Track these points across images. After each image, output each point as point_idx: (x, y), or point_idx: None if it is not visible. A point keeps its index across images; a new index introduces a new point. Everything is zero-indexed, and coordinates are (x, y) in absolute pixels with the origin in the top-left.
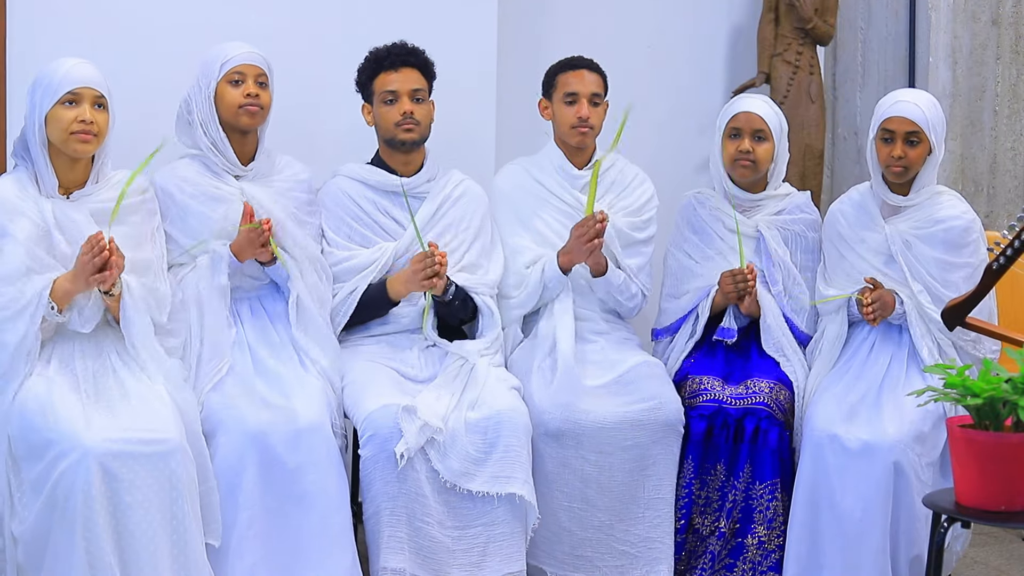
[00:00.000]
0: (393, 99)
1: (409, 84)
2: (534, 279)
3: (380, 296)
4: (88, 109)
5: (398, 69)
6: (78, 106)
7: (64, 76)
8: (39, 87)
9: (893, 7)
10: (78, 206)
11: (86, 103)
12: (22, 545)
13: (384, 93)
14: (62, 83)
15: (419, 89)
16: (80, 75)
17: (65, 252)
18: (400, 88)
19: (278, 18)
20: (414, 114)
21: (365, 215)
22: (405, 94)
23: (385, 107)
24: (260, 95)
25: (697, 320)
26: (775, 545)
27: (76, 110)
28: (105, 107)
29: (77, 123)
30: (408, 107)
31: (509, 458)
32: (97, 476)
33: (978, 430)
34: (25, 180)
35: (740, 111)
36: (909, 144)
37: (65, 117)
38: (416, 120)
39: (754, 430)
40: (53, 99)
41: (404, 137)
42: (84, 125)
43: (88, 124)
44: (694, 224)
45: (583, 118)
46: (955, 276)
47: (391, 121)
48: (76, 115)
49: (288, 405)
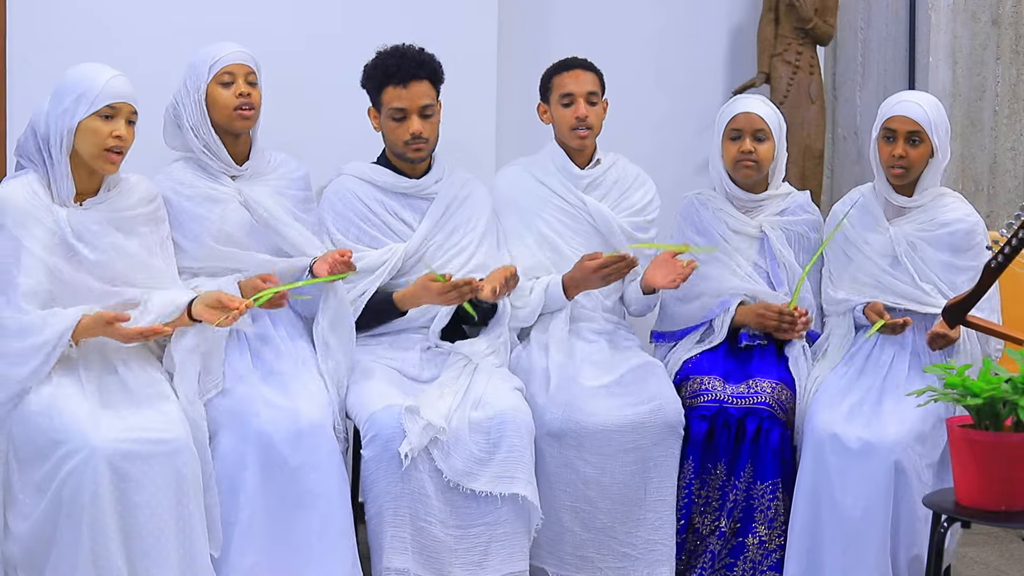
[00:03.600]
0: (403, 117)
1: (419, 101)
2: (536, 298)
3: (387, 306)
4: (123, 125)
5: (408, 85)
6: (114, 120)
7: (105, 87)
8: (72, 93)
9: (893, 7)
10: (93, 214)
11: (122, 118)
12: (23, 543)
13: (393, 110)
14: (103, 95)
15: (428, 104)
16: (121, 89)
17: (89, 259)
18: (410, 106)
19: (278, 18)
20: (423, 133)
21: (374, 216)
22: (415, 112)
23: (394, 123)
24: (251, 94)
25: (708, 331)
26: (776, 545)
27: (112, 124)
28: (134, 123)
29: (112, 138)
30: (417, 127)
31: (512, 458)
32: (105, 475)
33: (978, 430)
34: (36, 185)
35: (739, 112)
36: (911, 144)
37: (101, 131)
38: (425, 139)
39: (756, 430)
40: (91, 109)
41: (413, 156)
42: (119, 141)
43: (122, 140)
44: (697, 225)
45: (581, 118)
46: (961, 279)
47: (401, 139)
48: (112, 130)
49: (290, 405)
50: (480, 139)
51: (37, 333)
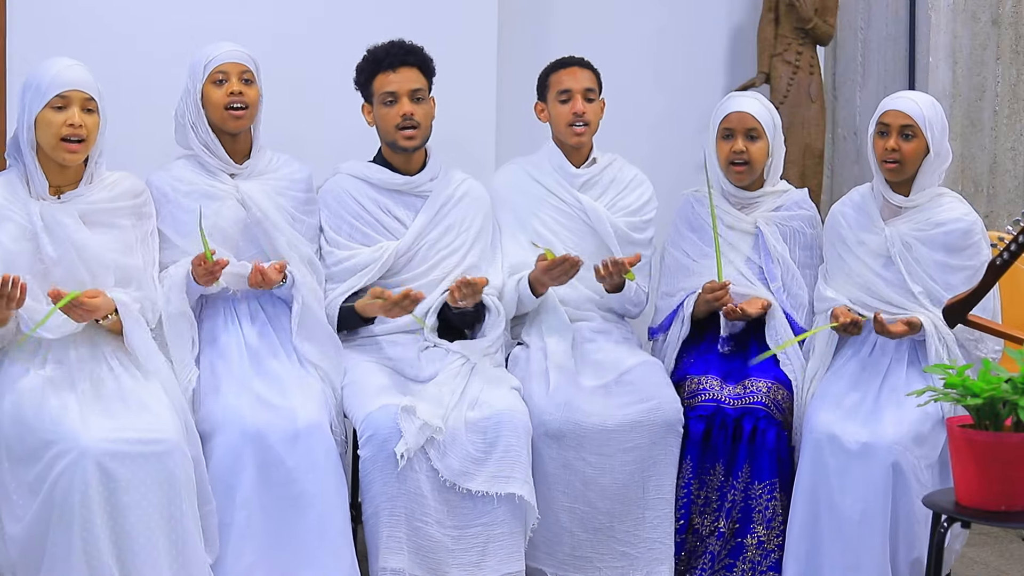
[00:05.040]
0: (393, 100)
1: (408, 84)
2: (509, 292)
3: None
4: (77, 113)
5: (397, 69)
6: (67, 110)
7: (53, 79)
8: (29, 89)
9: (893, 7)
10: (67, 208)
11: (75, 106)
12: (19, 545)
13: (384, 94)
14: (51, 86)
15: (419, 89)
16: (69, 78)
17: (51, 255)
18: (399, 89)
19: (278, 18)
20: (414, 115)
21: (367, 213)
22: (405, 95)
23: (385, 108)
24: (245, 92)
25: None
26: (774, 545)
27: (65, 114)
28: (95, 110)
29: (66, 127)
30: (408, 108)
31: (509, 458)
32: (94, 476)
33: (978, 430)
34: (16, 181)
35: (732, 111)
36: (903, 138)
37: (54, 121)
38: (416, 122)
39: (752, 430)
40: (42, 102)
41: (405, 144)
42: (72, 129)
43: (77, 128)
44: (692, 222)
45: (578, 113)
46: (955, 279)
47: (392, 123)
48: (65, 119)
49: (287, 405)
50: (480, 138)
51: None
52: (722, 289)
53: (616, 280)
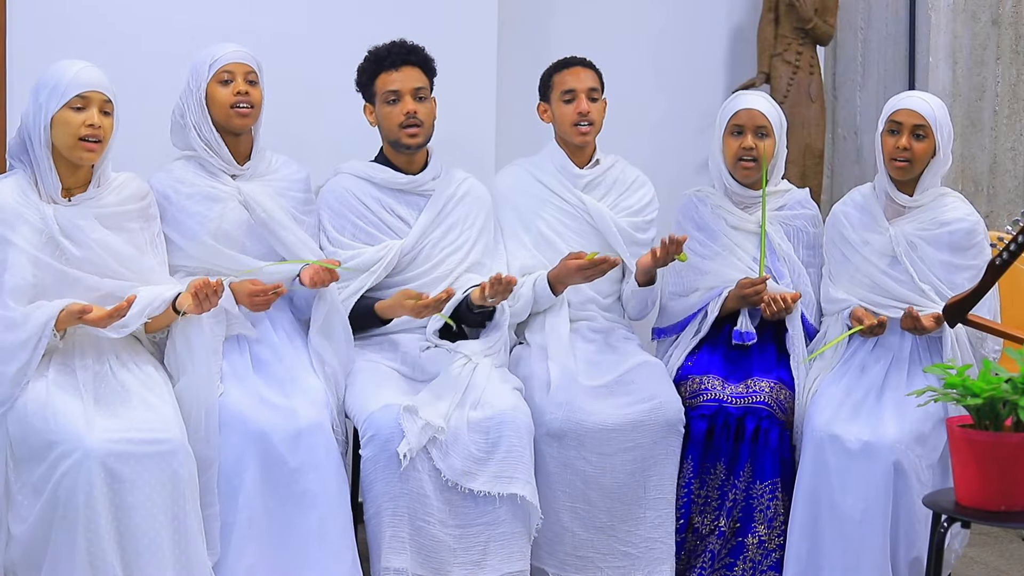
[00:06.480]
0: (395, 99)
1: (411, 83)
2: (526, 293)
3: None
4: (96, 113)
5: (399, 68)
6: (86, 110)
7: (73, 79)
8: (45, 88)
9: (893, 7)
10: (80, 210)
11: (94, 107)
12: (22, 546)
13: (386, 93)
14: (71, 86)
15: (421, 88)
16: (89, 79)
17: (76, 255)
18: (402, 87)
19: (278, 18)
20: (417, 113)
21: (370, 213)
22: (407, 93)
23: (388, 107)
24: (250, 92)
25: (705, 319)
26: (775, 544)
27: (84, 114)
28: (111, 113)
29: (85, 127)
30: (411, 106)
31: (511, 458)
32: (99, 477)
33: (978, 430)
34: (25, 184)
35: (742, 108)
36: (915, 137)
37: (73, 121)
38: (419, 120)
39: (754, 429)
40: (61, 101)
41: (409, 142)
42: (92, 130)
43: (96, 128)
44: (698, 222)
45: (583, 113)
46: (960, 278)
47: (395, 121)
48: (84, 119)
49: (288, 405)
50: (480, 139)
51: (21, 328)
52: (762, 283)
53: (670, 260)
